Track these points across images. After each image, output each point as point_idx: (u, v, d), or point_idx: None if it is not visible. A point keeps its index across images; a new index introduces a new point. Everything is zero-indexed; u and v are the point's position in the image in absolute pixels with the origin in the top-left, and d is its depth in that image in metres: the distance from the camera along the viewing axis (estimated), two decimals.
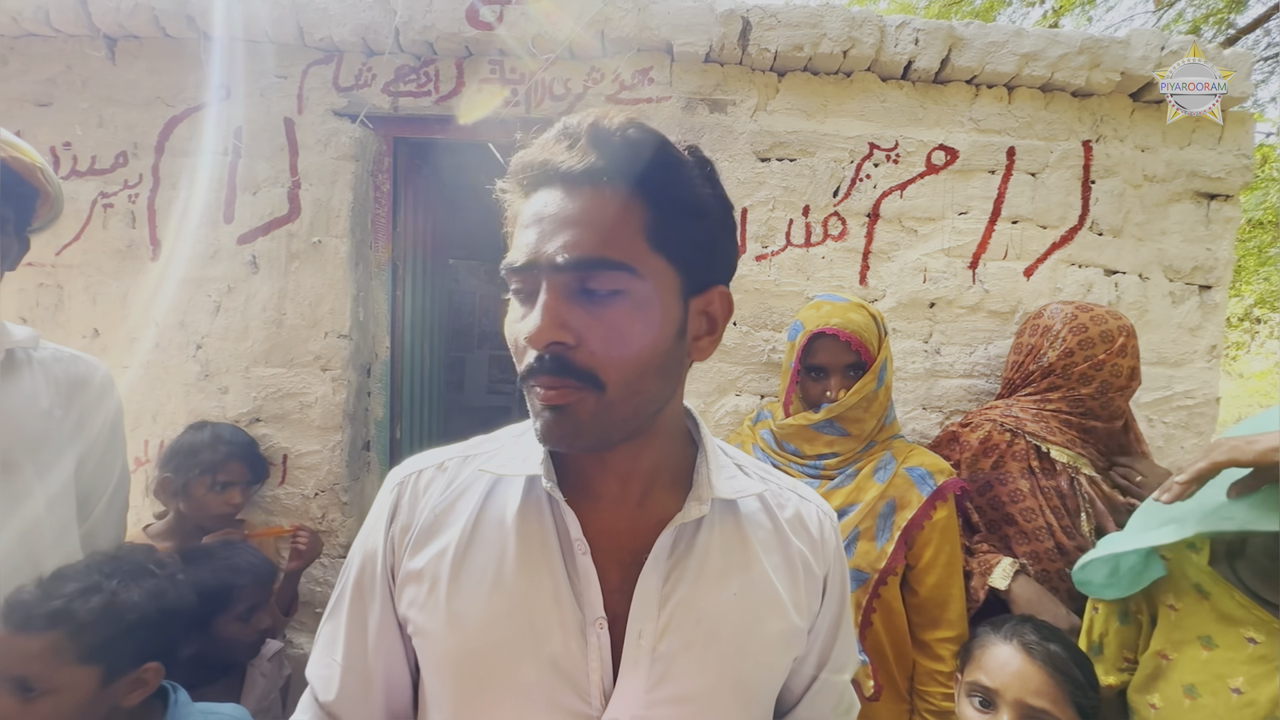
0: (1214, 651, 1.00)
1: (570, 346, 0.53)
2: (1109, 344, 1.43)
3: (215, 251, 1.77)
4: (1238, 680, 0.96)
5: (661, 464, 0.65)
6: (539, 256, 0.54)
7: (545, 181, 0.56)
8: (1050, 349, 1.49)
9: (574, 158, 0.54)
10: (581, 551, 0.60)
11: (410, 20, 1.67)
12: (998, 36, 1.69)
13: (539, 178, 0.56)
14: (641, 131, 0.55)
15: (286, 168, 1.77)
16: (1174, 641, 1.05)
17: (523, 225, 0.56)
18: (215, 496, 1.55)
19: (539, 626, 0.58)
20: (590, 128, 0.54)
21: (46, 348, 1.19)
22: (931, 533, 1.33)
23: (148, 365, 1.77)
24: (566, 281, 0.54)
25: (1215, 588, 1.01)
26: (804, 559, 0.67)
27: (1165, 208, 1.80)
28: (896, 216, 1.78)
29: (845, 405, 1.33)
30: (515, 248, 0.56)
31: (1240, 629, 0.98)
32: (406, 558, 0.64)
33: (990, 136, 1.77)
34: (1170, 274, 1.81)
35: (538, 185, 0.57)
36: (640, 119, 0.56)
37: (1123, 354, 1.43)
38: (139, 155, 1.78)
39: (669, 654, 0.59)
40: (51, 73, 1.78)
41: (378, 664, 0.66)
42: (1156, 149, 1.78)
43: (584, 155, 0.54)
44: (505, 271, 0.57)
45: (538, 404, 0.56)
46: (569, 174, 0.54)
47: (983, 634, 1.09)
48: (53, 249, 1.77)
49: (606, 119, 0.55)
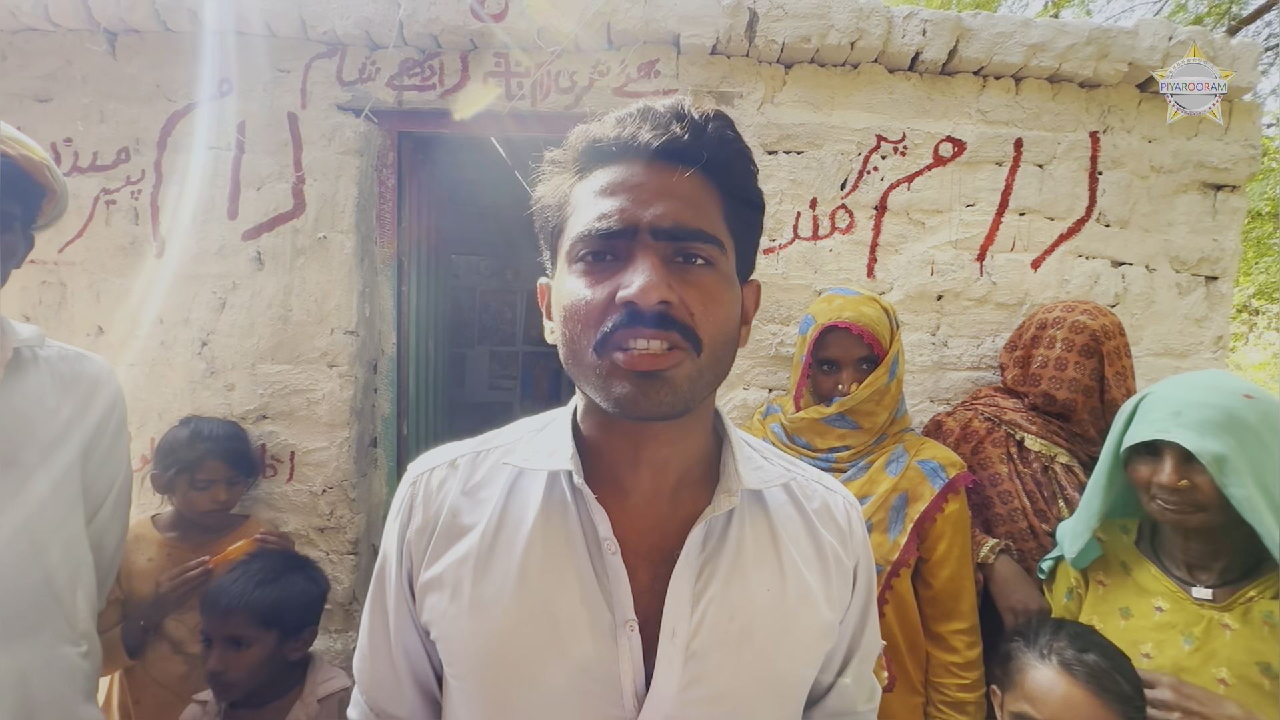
0: (1130, 620, 1.11)
1: (672, 305, 0.53)
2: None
3: (220, 247, 1.75)
4: (1147, 646, 1.07)
5: (696, 453, 0.64)
6: (638, 221, 0.54)
7: (624, 155, 0.57)
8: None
9: (665, 137, 0.55)
10: (611, 551, 0.59)
11: (414, 13, 1.66)
12: (1005, 27, 1.68)
13: (618, 152, 0.57)
14: (724, 122, 0.58)
15: (290, 163, 1.75)
16: (1101, 613, 1.16)
17: (599, 193, 0.57)
18: (199, 494, 1.53)
19: (566, 631, 0.57)
20: (679, 112, 0.56)
21: (52, 346, 1.19)
22: (944, 525, 1.34)
23: (153, 362, 1.76)
24: (664, 248, 0.55)
25: (1136, 564, 1.15)
26: (834, 550, 0.67)
27: (1172, 199, 1.80)
28: (904, 209, 1.77)
29: (858, 399, 1.33)
30: (596, 214, 0.56)
31: (1151, 599, 1.10)
32: (425, 563, 0.63)
33: (998, 128, 1.76)
34: (1177, 265, 1.81)
35: (612, 159, 0.58)
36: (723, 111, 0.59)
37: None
38: (141, 151, 1.76)
39: (703, 652, 0.58)
40: (51, 68, 1.76)
41: (402, 660, 0.66)
42: (1163, 140, 1.78)
43: (671, 134, 0.55)
44: (583, 237, 0.56)
45: (625, 369, 0.54)
46: (661, 150, 0.56)
47: (1018, 653, 1.03)
48: (55, 246, 1.75)
49: (693, 106, 0.57)
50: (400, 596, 0.65)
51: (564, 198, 0.60)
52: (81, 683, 1.14)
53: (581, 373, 0.56)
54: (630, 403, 0.54)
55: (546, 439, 0.65)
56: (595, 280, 0.55)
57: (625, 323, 0.53)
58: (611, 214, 0.55)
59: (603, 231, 0.55)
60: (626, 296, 0.52)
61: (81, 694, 1.14)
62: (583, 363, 0.56)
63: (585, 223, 0.56)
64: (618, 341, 0.53)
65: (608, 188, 0.56)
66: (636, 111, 0.57)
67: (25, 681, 1.04)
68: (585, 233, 0.55)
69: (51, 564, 1.10)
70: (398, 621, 0.65)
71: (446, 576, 0.61)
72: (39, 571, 1.08)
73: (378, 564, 0.68)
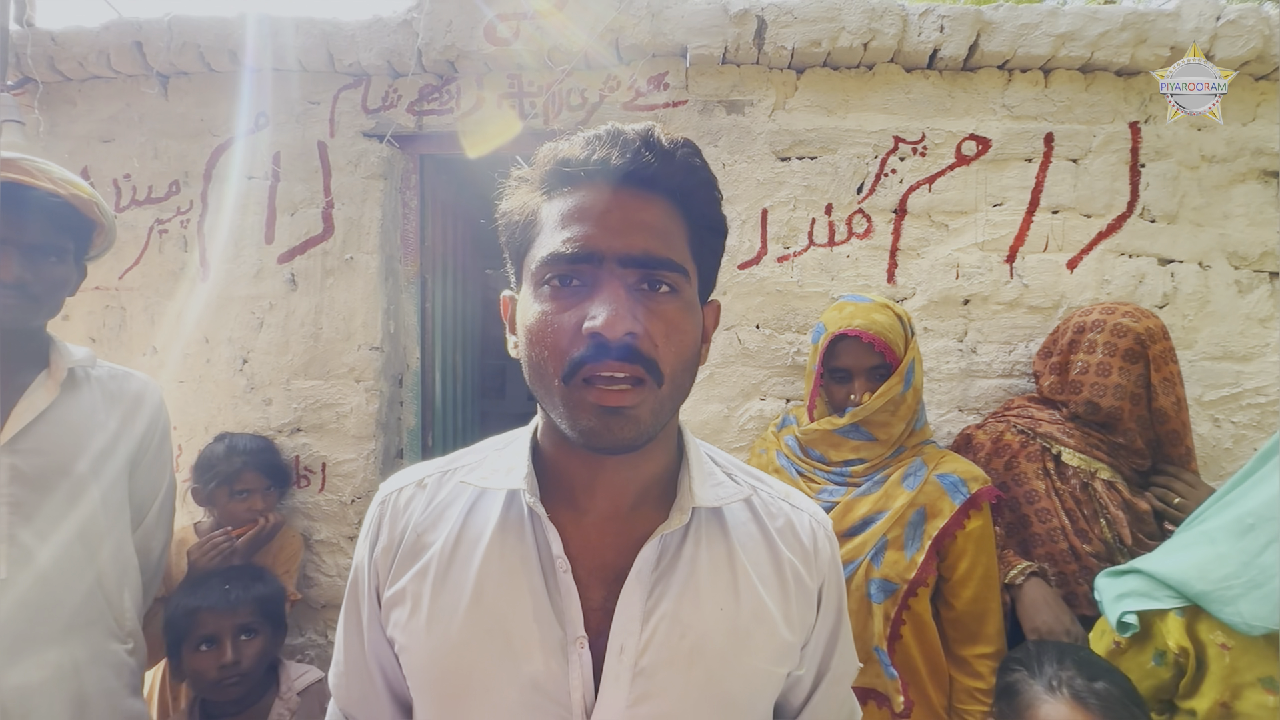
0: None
1: (637, 337, 0.54)
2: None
3: (258, 270, 1.87)
4: None
5: (655, 473, 0.64)
6: (605, 248, 0.54)
7: (592, 179, 0.57)
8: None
9: (631, 162, 0.55)
10: (563, 569, 0.59)
11: (431, 41, 1.73)
12: (1030, 18, 1.60)
13: (585, 176, 0.57)
14: (691, 149, 0.59)
15: (321, 189, 1.85)
16: (1233, 687, 0.92)
17: (566, 216, 0.56)
18: (238, 504, 1.64)
19: (518, 646, 0.58)
20: (646, 137, 0.56)
21: (102, 366, 1.29)
22: (966, 543, 1.27)
23: (200, 379, 1.89)
24: (630, 275, 0.55)
25: None
26: (795, 570, 0.65)
27: (1227, 189, 1.66)
28: (925, 211, 1.71)
29: (870, 409, 1.29)
30: (563, 238, 0.55)
31: None
32: (390, 580, 0.65)
33: (1026, 123, 1.68)
34: (1235, 261, 1.67)
35: (580, 181, 0.57)
36: (678, 131, 0.60)
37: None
38: (189, 183, 1.90)
39: (650, 669, 0.58)
40: (113, 111, 1.93)
41: (377, 673, 0.68)
42: (1214, 126, 1.65)
43: (640, 161, 0.56)
44: (550, 260, 0.56)
45: (591, 403, 0.54)
46: (630, 176, 0.56)
47: (1022, 685, 0.95)
48: (116, 273, 1.91)
49: (660, 132, 0.57)
50: (371, 611, 0.67)
51: (531, 216, 0.60)
52: (128, 677, 1.23)
53: (547, 397, 0.57)
54: (594, 436, 0.54)
55: (506, 457, 0.66)
56: (561, 306, 0.55)
57: (592, 356, 0.53)
58: (578, 239, 0.55)
59: (569, 256, 0.55)
60: (593, 328, 0.52)
61: (128, 688, 1.23)
62: (549, 388, 0.56)
63: (552, 245, 0.56)
64: (585, 373, 0.53)
65: (575, 212, 0.56)
66: (606, 134, 0.57)
67: (79, 674, 1.13)
68: (551, 255, 0.55)
69: (102, 566, 1.19)
70: (370, 636, 0.67)
71: (408, 591, 0.63)
72: (91, 573, 1.18)
73: (350, 581, 0.70)
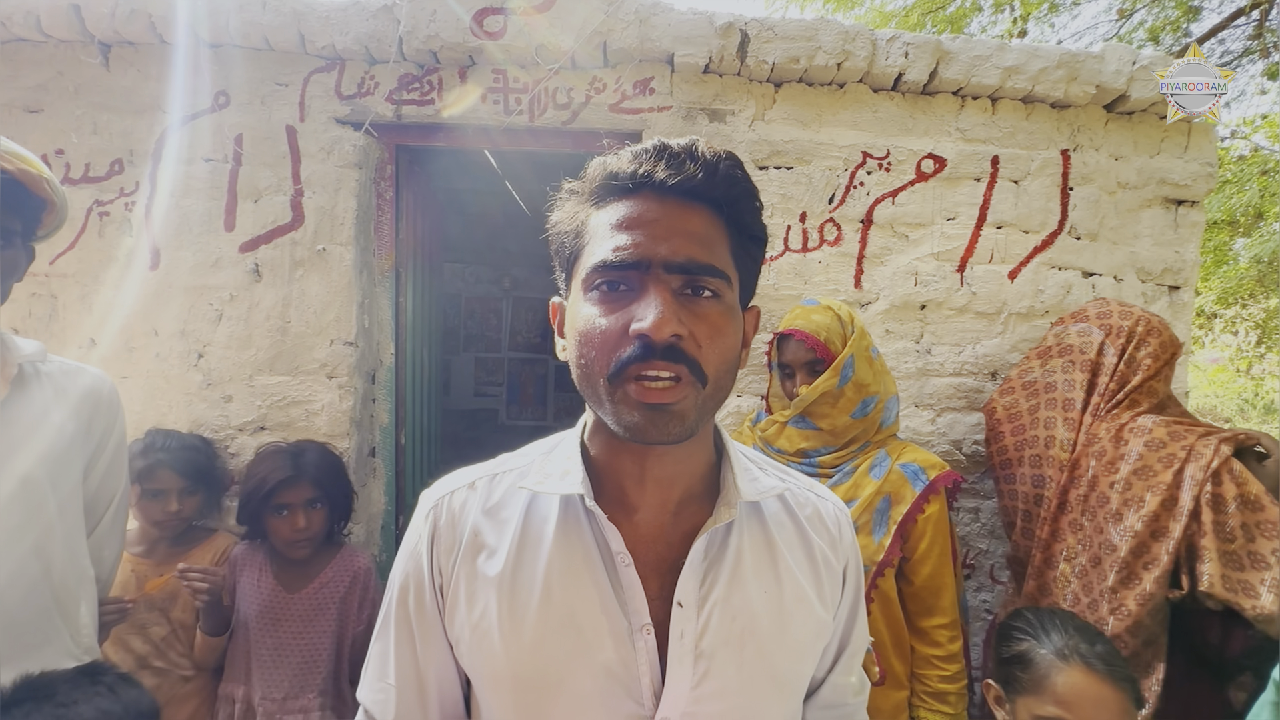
0: None
1: (682, 339, 0.57)
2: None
3: (216, 260, 1.75)
4: None
5: (699, 470, 0.69)
6: (652, 255, 0.58)
7: (640, 190, 0.61)
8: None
9: (676, 174, 0.59)
10: (624, 564, 0.63)
11: (414, 29, 1.69)
12: (982, 50, 1.77)
13: (634, 187, 0.61)
14: (734, 162, 0.62)
15: (289, 175, 1.76)
16: None
17: (615, 226, 0.60)
18: (151, 504, 1.52)
19: (590, 637, 0.62)
20: (690, 150, 0.60)
21: (54, 361, 1.19)
22: (925, 526, 1.40)
23: (148, 375, 1.75)
24: (675, 281, 0.59)
25: None
26: (824, 554, 0.72)
27: (1137, 213, 1.91)
28: (889, 222, 1.85)
29: (806, 401, 1.40)
30: (612, 246, 0.59)
31: None
32: (453, 581, 0.66)
33: (976, 145, 1.85)
34: (1142, 275, 1.91)
35: (628, 193, 0.61)
36: (715, 141, 0.63)
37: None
38: (135, 163, 1.76)
39: (709, 652, 0.63)
40: (42, 79, 1.75)
41: (431, 681, 0.68)
42: (1129, 158, 1.89)
43: (685, 173, 0.59)
44: (599, 267, 0.59)
45: (636, 400, 0.57)
46: (675, 188, 0.60)
47: (1034, 654, 1.00)
48: (46, 258, 1.74)
49: (703, 145, 0.61)
50: (432, 618, 0.67)
51: (580, 226, 0.64)
52: None
53: (594, 396, 0.61)
54: (640, 431, 0.58)
55: (557, 461, 0.69)
56: (609, 309, 0.59)
57: (639, 355, 0.56)
58: (627, 247, 0.58)
59: (618, 263, 0.58)
60: (640, 329, 0.56)
61: None
62: (596, 387, 0.60)
63: (601, 253, 0.59)
64: (631, 372, 0.57)
65: (624, 221, 0.60)
66: (652, 149, 0.61)
67: None
68: (601, 263, 0.59)
69: (58, 581, 1.11)
70: (426, 647, 0.68)
71: (475, 594, 0.65)
72: (47, 589, 1.09)
73: (396, 591, 0.69)
